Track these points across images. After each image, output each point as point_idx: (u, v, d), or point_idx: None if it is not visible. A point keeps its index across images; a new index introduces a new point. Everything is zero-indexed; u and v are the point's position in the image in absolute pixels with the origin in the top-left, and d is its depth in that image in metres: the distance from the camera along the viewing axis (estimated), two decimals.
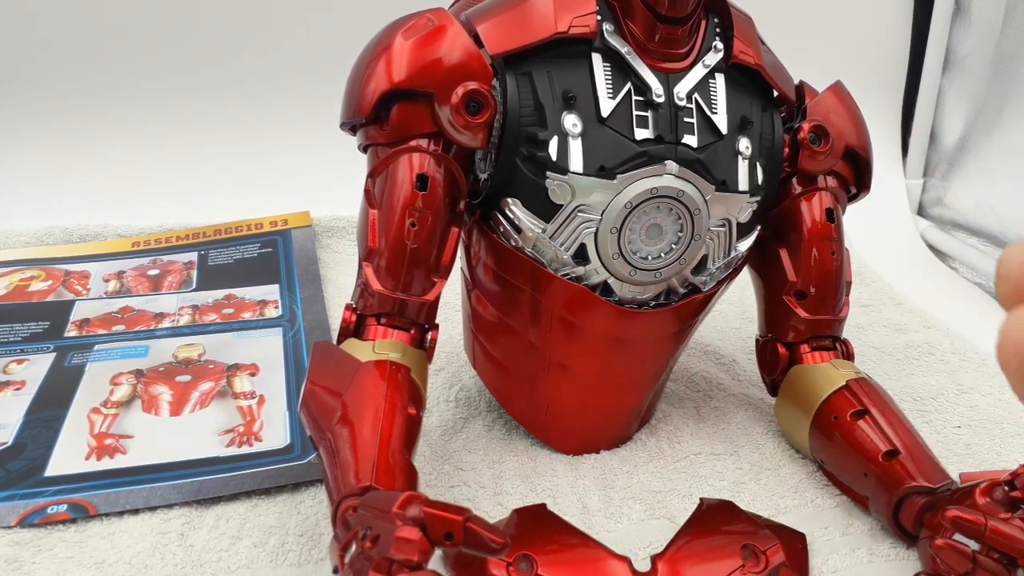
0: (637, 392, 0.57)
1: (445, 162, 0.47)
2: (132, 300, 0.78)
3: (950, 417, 0.64)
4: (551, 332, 0.52)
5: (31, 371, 0.65)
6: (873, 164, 0.57)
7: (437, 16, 0.47)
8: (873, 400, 0.52)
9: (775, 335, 0.58)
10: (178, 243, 0.89)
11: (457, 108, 0.45)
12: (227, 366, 0.67)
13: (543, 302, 0.50)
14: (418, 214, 0.47)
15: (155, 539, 0.49)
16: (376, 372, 0.45)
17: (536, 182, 0.46)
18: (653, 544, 0.49)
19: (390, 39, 0.47)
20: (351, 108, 0.48)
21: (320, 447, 0.43)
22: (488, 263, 0.52)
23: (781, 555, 0.46)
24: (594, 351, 0.52)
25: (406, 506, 0.33)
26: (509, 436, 0.60)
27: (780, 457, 0.58)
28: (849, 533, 0.51)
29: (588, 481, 0.55)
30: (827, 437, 0.53)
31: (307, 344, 0.71)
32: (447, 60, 0.45)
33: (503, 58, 0.46)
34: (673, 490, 0.55)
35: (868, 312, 0.83)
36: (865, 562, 0.48)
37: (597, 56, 0.46)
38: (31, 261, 0.84)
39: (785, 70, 0.53)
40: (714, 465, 0.57)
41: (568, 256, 0.48)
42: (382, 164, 0.48)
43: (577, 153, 0.45)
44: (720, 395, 0.67)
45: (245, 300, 0.78)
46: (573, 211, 0.46)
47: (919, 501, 0.47)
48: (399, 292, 0.48)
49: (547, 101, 0.45)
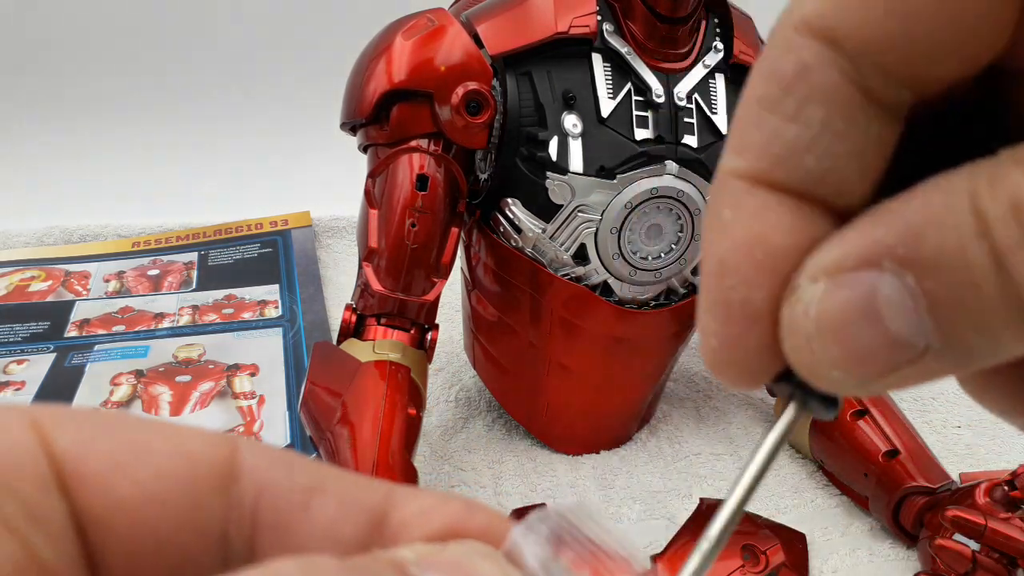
0: (637, 392, 0.57)
1: (445, 162, 0.47)
2: (132, 300, 0.78)
3: (950, 417, 0.64)
4: (551, 332, 0.52)
5: (31, 371, 0.65)
6: None
7: (437, 16, 0.47)
8: (873, 400, 0.52)
9: None
10: (178, 243, 0.89)
11: (457, 108, 0.45)
12: (227, 366, 0.67)
13: (543, 302, 0.50)
14: (418, 214, 0.47)
15: None
16: (376, 372, 0.45)
17: (536, 182, 0.46)
18: (653, 544, 0.49)
19: (390, 39, 0.47)
20: (351, 108, 0.48)
21: (320, 447, 0.43)
22: (488, 263, 0.52)
23: (781, 555, 0.46)
24: (594, 351, 0.52)
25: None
26: (509, 436, 0.60)
27: (780, 457, 0.58)
28: (849, 533, 0.51)
29: (588, 481, 0.55)
30: (827, 437, 0.53)
31: (307, 344, 0.71)
32: (447, 60, 0.45)
33: (503, 58, 0.46)
34: (673, 490, 0.54)
35: None
36: (865, 562, 0.48)
37: (597, 56, 0.46)
38: (31, 261, 0.84)
39: None
40: (714, 465, 0.57)
41: (568, 256, 0.48)
42: (382, 164, 0.48)
43: (577, 153, 0.45)
44: (720, 395, 0.67)
45: (245, 300, 0.78)
46: (573, 211, 0.46)
47: (919, 501, 0.47)
48: (399, 292, 0.48)
49: (547, 101, 0.45)
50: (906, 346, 0.11)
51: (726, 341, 0.12)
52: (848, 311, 0.11)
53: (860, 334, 0.11)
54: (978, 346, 0.11)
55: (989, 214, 0.10)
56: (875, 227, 0.11)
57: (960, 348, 0.11)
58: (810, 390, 0.13)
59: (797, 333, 0.12)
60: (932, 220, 0.11)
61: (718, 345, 0.13)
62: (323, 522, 0.12)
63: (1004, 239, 0.10)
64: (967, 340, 0.11)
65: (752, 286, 0.12)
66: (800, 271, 0.12)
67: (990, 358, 0.11)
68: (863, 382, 0.12)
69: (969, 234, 0.10)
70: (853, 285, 0.11)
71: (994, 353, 0.11)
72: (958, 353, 0.11)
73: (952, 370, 0.12)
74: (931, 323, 0.11)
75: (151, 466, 0.12)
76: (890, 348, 0.11)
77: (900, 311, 0.11)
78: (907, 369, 0.11)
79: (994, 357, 0.11)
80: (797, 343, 0.12)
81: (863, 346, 0.11)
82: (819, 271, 0.12)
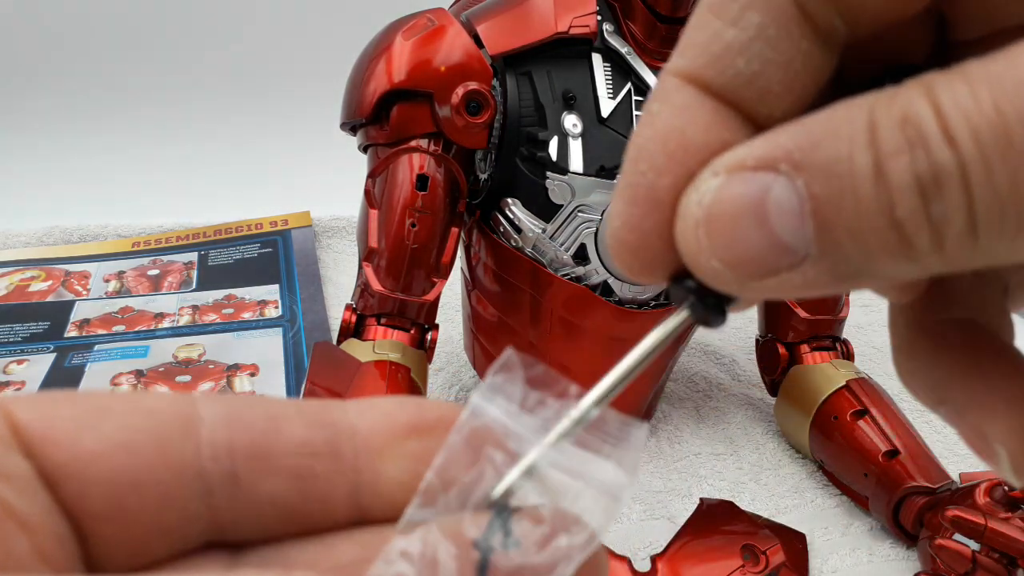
0: (637, 392, 0.57)
1: (445, 162, 0.47)
2: (132, 300, 0.78)
3: None
4: (551, 332, 0.52)
5: (31, 371, 0.65)
6: None
7: (437, 16, 0.47)
8: (873, 400, 0.52)
9: (775, 335, 0.58)
10: (178, 243, 0.89)
11: (457, 108, 0.45)
12: (227, 366, 0.67)
13: (543, 302, 0.50)
14: (418, 214, 0.47)
15: None
16: (376, 372, 0.45)
17: (536, 182, 0.46)
18: (653, 544, 0.49)
19: (390, 39, 0.47)
20: (351, 108, 0.48)
21: None
22: (488, 263, 0.52)
23: (781, 555, 0.46)
24: (594, 351, 0.52)
25: None
26: None
27: (780, 457, 0.58)
28: (849, 533, 0.51)
29: None
30: (827, 437, 0.53)
31: (307, 344, 0.71)
32: (447, 60, 0.45)
33: (503, 58, 0.46)
34: (673, 490, 0.54)
35: (868, 312, 0.83)
36: (865, 562, 0.48)
37: (597, 56, 0.46)
38: (31, 261, 0.84)
39: None
40: (714, 465, 0.57)
41: (568, 256, 0.48)
42: (382, 164, 0.48)
43: (577, 153, 0.45)
44: (720, 395, 0.67)
45: (245, 300, 0.78)
46: (573, 211, 0.46)
47: (919, 501, 0.47)
48: (399, 292, 0.48)
49: (547, 101, 0.45)
50: (787, 250, 0.12)
51: (627, 222, 0.13)
52: (739, 206, 0.12)
53: (746, 231, 0.12)
54: (851, 254, 0.11)
55: (880, 124, 0.11)
56: (780, 134, 0.12)
57: (835, 254, 0.12)
58: (702, 295, 0.13)
59: (687, 219, 0.12)
60: (830, 130, 0.11)
61: (620, 225, 0.13)
62: (296, 440, 0.13)
63: (887, 145, 0.11)
64: (842, 246, 0.11)
65: (660, 173, 0.13)
66: (706, 167, 0.13)
67: (864, 272, 0.12)
68: (742, 279, 0.12)
69: (859, 143, 0.11)
70: (748, 182, 0.12)
71: (866, 265, 0.12)
72: (833, 260, 0.12)
73: (830, 280, 0.12)
74: (812, 227, 0.11)
75: (113, 422, 0.12)
76: (772, 249, 0.12)
77: (786, 215, 0.12)
78: (785, 275, 0.12)
79: (867, 270, 0.12)
80: (685, 228, 0.13)
81: (747, 243, 0.12)
82: (721, 166, 0.12)
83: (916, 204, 0.11)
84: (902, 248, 0.11)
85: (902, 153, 0.11)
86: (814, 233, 0.11)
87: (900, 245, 0.11)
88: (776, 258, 0.12)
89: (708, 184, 0.12)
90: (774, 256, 0.12)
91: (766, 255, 0.12)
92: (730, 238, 0.12)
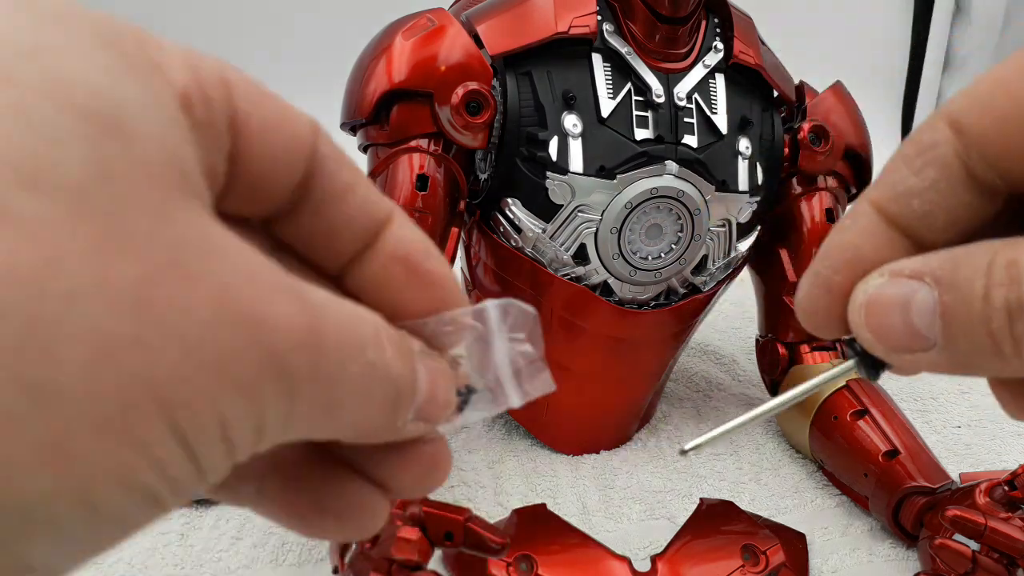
0: (637, 392, 0.57)
1: (445, 162, 0.47)
2: None
3: (950, 417, 0.64)
4: (551, 332, 0.52)
5: None
6: (873, 164, 0.57)
7: (437, 16, 0.47)
8: (873, 400, 0.52)
9: (775, 335, 0.58)
10: None
11: (457, 108, 0.45)
12: None
13: (543, 302, 0.50)
14: (418, 214, 0.47)
15: (155, 539, 0.49)
16: None
17: (536, 182, 0.46)
18: (653, 544, 0.49)
19: (390, 39, 0.47)
20: (351, 108, 0.48)
21: None
22: (488, 263, 0.52)
23: (781, 555, 0.46)
24: (594, 351, 0.52)
25: (405, 505, 0.33)
26: (509, 436, 0.60)
27: (780, 457, 0.58)
28: (849, 533, 0.51)
29: (588, 481, 0.55)
30: (827, 437, 0.53)
31: None
32: (447, 60, 0.45)
33: (503, 58, 0.46)
34: (673, 490, 0.54)
35: None
36: (865, 562, 0.48)
37: (597, 56, 0.46)
38: None
39: (785, 70, 0.53)
40: (714, 465, 0.57)
41: (568, 256, 0.48)
42: (382, 164, 0.48)
43: (577, 153, 0.45)
44: (720, 395, 0.67)
45: None
46: (573, 211, 0.46)
47: (919, 501, 0.47)
48: None
49: (547, 101, 0.45)
50: (920, 337, 0.16)
51: (808, 295, 0.18)
52: (892, 299, 0.17)
53: (893, 317, 0.17)
54: (963, 350, 0.16)
55: (996, 263, 0.15)
56: (932, 257, 0.16)
57: (953, 348, 0.16)
58: (865, 356, 0.18)
59: (856, 301, 0.17)
60: (966, 260, 0.16)
61: (803, 297, 0.18)
62: (351, 210, 0.17)
63: (995, 278, 0.15)
64: (957, 342, 0.16)
65: (836, 271, 0.18)
66: (876, 270, 0.17)
67: (973, 365, 0.16)
68: (886, 350, 0.17)
69: (980, 272, 0.15)
70: (902, 285, 0.16)
71: (973, 360, 0.16)
72: (952, 351, 0.16)
73: (949, 366, 0.16)
74: (940, 325, 0.16)
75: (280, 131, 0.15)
76: (909, 333, 0.16)
77: (924, 313, 0.16)
78: (919, 355, 0.16)
79: (975, 364, 0.16)
80: (853, 307, 0.17)
81: (892, 326, 0.17)
82: (887, 270, 0.17)
83: (1005, 322, 0.15)
84: (994, 351, 0.15)
85: (1003, 285, 0.15)
86: (941, 329, 0.16)
87: (992, 349, 0.15)
88: (911, 340, 0.16)
89: (875, 281, 0.17)
90: (909, 339, 0.16)
91: (904, 337, 0.16)
92: (881, 320, 0.17)
